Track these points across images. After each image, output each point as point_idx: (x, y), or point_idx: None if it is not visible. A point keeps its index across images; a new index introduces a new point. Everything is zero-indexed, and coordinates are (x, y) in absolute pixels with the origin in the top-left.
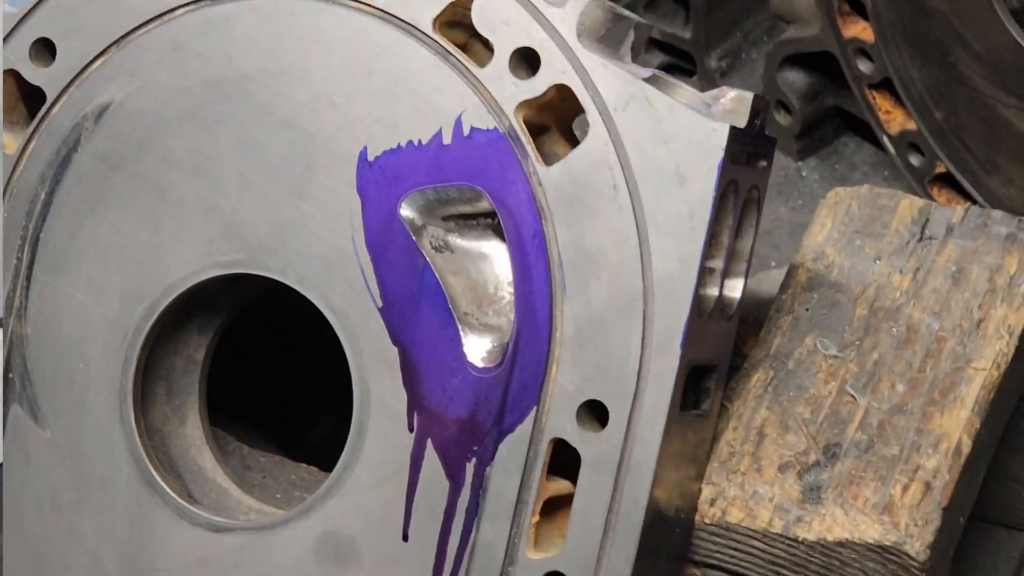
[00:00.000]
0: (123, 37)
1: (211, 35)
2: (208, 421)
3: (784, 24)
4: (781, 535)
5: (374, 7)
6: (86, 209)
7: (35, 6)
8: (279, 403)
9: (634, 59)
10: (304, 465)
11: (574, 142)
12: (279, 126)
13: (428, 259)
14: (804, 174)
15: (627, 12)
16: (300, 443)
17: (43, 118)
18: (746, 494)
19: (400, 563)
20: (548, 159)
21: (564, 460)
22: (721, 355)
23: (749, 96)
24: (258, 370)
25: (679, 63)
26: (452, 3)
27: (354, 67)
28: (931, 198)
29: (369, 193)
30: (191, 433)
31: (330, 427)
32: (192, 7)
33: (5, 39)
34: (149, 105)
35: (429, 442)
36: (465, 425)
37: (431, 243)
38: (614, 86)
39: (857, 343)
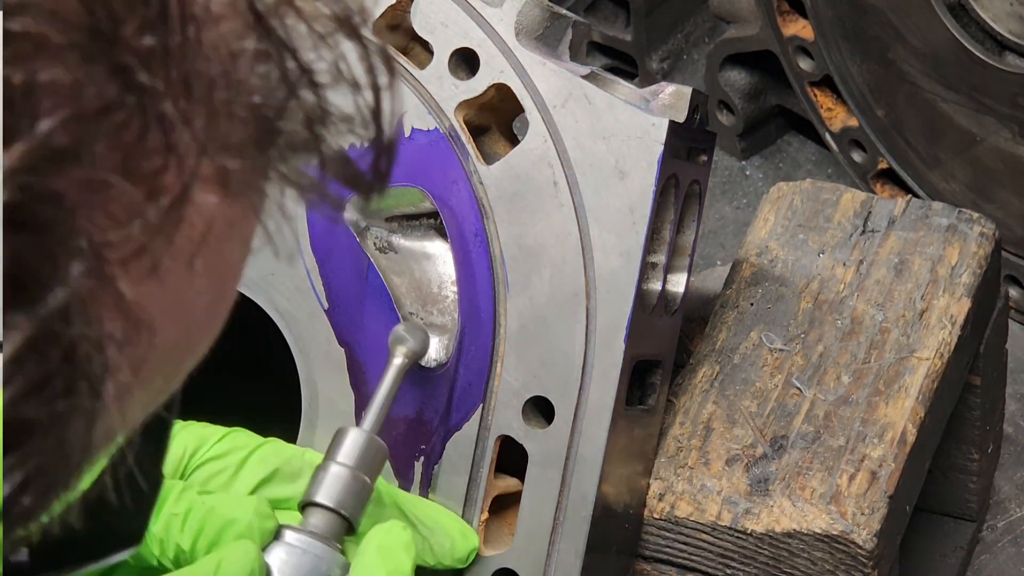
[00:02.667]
0: None
1: None
2: None
3: (725, 24)
4: (730, 528)
5: None
6: None
7: None
8: (231, 408)
9: (573, 57)
10: None
11: (515, 142)
12: None
13: (372, 260)
14: (748, 173)
15: (565, 11)
16: None
17: None
18: (694, 488)
19: None
20: (489, 159)
21: (512, 457)
22: (666, 350)
23: (688, 91)
24: (209, 376)
25: (620, 66)
26: (391, 7)
27: None
28: (874, 194)
29: None
30: None
31: (280, 431)
32: None
33: None
34: None
35: None
36: (412, 424)
37: (375, 244)
38: (552, 84)
39: (802, 336)
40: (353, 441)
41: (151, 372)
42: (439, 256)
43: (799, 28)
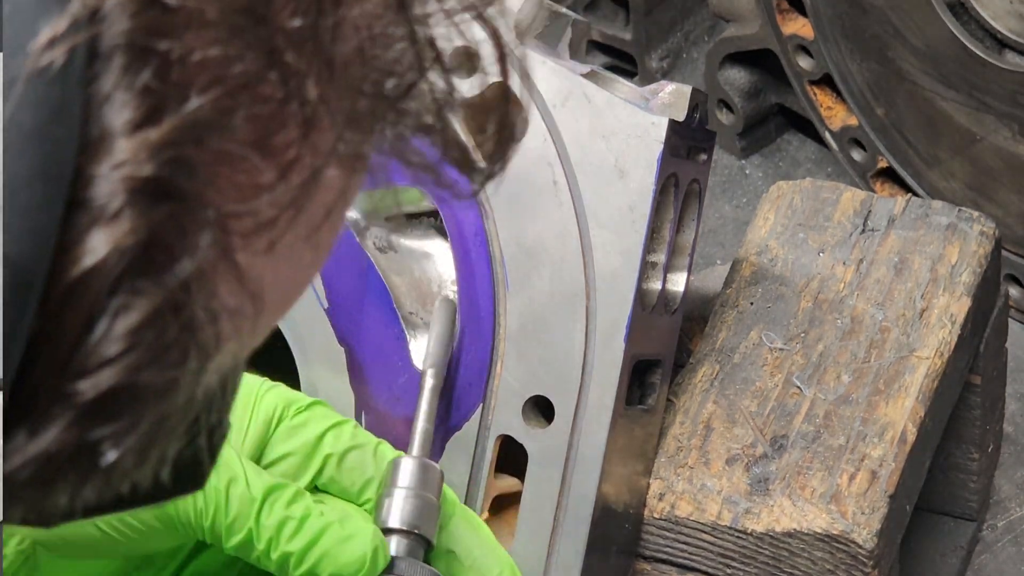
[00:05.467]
0: None
1: None
2: None
3: (724, 23)
4: (730, 528)
5: None
6: None
7: None
8: None
9: (572, 56)
10: None
11: None
12: None
13: (372, 260)
14: (747, 172)
15: (564, 9)
16: None
17: None
18: (694, 488)
19: None
20: None
21: (512, 457)
22: (666, 350)
23: (687, 89)
24: None
25: (620, 64)
26: None
27: None
28: (874, 193)
29: None
30: None
31: None
32: None
33: None
34: None
35: None
36: (412, 423)
37: (375, 244)
38: (552, 83)
39: (802, 335)
40: (407, 467)
41: (252, 338)
42: (439, 256)
43: (799, 27)
